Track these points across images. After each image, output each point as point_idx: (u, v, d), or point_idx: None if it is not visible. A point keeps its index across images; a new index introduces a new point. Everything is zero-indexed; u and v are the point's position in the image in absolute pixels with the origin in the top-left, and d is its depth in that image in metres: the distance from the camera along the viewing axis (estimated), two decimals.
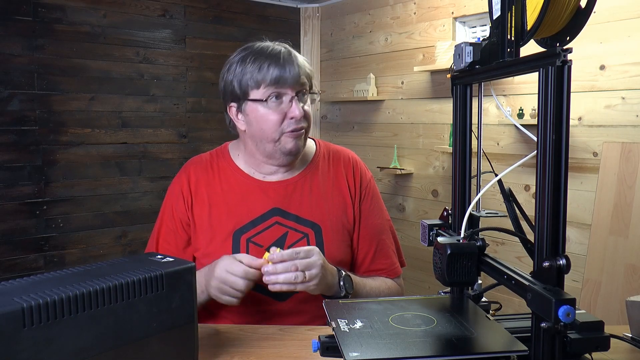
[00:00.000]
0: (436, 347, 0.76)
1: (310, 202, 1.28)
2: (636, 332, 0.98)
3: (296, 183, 1.30)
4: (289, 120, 1.21)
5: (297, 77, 1.20)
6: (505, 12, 0.82)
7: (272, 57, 1.20)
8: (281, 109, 1.21)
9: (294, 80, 1.19)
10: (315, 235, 1.26)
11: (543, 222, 0.72)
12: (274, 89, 1.20)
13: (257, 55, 1.21)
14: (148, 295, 0.79)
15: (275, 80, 1.19)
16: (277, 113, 1.21)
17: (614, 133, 2.46)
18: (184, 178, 1.32)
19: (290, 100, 1.21)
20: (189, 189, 1.30)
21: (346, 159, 1.37)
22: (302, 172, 1.32)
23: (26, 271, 3.03)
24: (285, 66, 1.19)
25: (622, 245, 2.26)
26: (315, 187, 1.31)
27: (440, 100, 3.24)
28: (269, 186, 1.29)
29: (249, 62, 1.21)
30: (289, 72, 1.19)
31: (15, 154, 2.99)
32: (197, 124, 3.65)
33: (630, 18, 2.38)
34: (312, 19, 4.11)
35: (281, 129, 1.21)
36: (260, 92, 1.20)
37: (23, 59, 2.98)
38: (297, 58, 1.23)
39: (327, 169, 1.34)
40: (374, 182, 1.39)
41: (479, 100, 0.96)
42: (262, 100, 1.20)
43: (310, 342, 0.89)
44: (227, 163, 1.33)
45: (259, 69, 1.19)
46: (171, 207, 1.32)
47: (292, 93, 1.21)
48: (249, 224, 1.25)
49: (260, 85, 1.20)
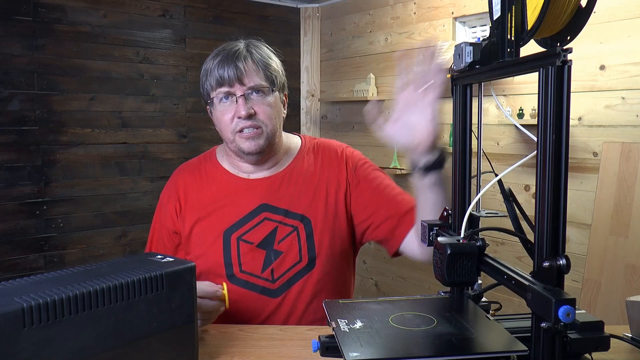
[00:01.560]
0: (436, 347, 0.76)
1: (298, 196, 1.28)
2: (636, 332, 0.98)
3: (282, 178, 1.30)
4: (236, 119, 1.22)
5: (236, 77, 1.20)
6: (505, 12, 0.82)
7: (221, 57, 1.22)
8: (232, 108, 1.22)
9: (237, 79, 1.20)
10: (305, 227, 1.26)
11: (543, 222, 0.72)
12: (221, 89, 1.22)
13: (213, 56, 1.24)
14: (148, 295, 0.79)
15: (219, 80, 1.21)
16: (228, 113, 1.22)
17: (614, 133, 2.46)
18: (173, 187, 1.35)
19: (236, 101, 1.21)
20: (177, 198, 1.32)
21: (333, 150, 1.36)
22: (287, 167, 1.32)
23: (26, 271, 3.03)
24: (225, 66, 1.20)
25: (622, 245, 2.26)
26: (302, 181, 1.30)
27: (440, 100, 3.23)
28: (254, 183, 1.30)
29: (207, 63, 1.24)
30: (228, 72, 1.19)
31: (15, 154, 2.99)
32: (197, 124, 3.65)
33: (630, 18, 2.38)
34: (312, 19, 4.11)
35: (232, 128, 1.23)
36: (215, 93, 1.23)
37: (23, 59, 2.98)
38: (251, 56, 1.23)
39: (314, 162, 1.33)
40: (364, 161, 1.35)
41: (479, 100, 0.96)
42: (214, 100, 1.23)
43: (310, 342, 0.89)
44: (214, 166, 1.35)
45: (210, 70, 1.22)
46: (160, 217, 1.36)
47: (238, 93, 1.21)
48: (238, 223, 1.26)
49: (214, 86, 1.22)
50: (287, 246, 1.25)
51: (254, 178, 1.31)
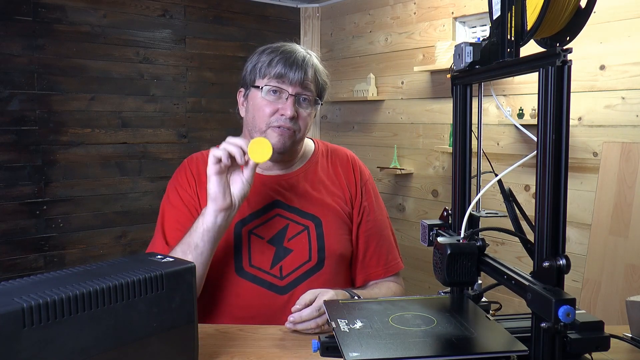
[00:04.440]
0: (436, 347, 0.76)
1: (310, 196, 1.30)
2: (636, 332, 0.98)
3: (297, 177, 1.32)
4: (278, 116, 1.24)
5: (300, 79, 1.23)
6: (505, 12, 0.82)
7: (285, 55, 1.25)
8: (276, 103, 1.24)
9: (297, 81, 1.23)
10: (316, 227, 1.28)
11: (543, 222, 0.72)
12: (275, 83, 1.24)
13: (275, 51, 1.27)
14: (148, 295, 0.79)
15: (279, 75, 1.23)
16: (271, 106, 1.24)
17: (614, 133, 2.46)
18: (187, 170, 1.33)
19: (286, 99, 1.24)
20: (193, 177, 1.31)
21: (344, 158, 1.40)
22: (302, 167, 1.34)
23: (26, 271, 3.03)
24: (293, 67, 1.23)
25: (622, 245, 2.26)
26: (316, 182, 1.33)
27: (440, 100, 3.24)
28: (269, 180, 1.31)
29: (265, 54, 1.27)
30: (294, 72, 1.23)
31: (15, 154, 2.99)
32: (197, 124, 3.65)
33: (630, 18, 2.38)
34: (312, 19, 4.10)
35: (270, 121, 1.24)
36: (263, 82, 1.25)
37: (23, 59, 2.98)
38: (312, 66, 1.27)
39: (327, 166, 1.37)
40: (372, 179, 1.42)
41: (479, 100, 0.96)
42: (261, 88, 1.25)
43: (310, 342, 0.89)
44: None
45: (270, 61, 1.25)
46: (176, 192, 1.30)
47: (291, 92, 1.24)
48: (250, 216, 1.26)
49: (265, 76, 1.25)
50: (297, 244, 1.26)
51: (268, 175, 1.32)
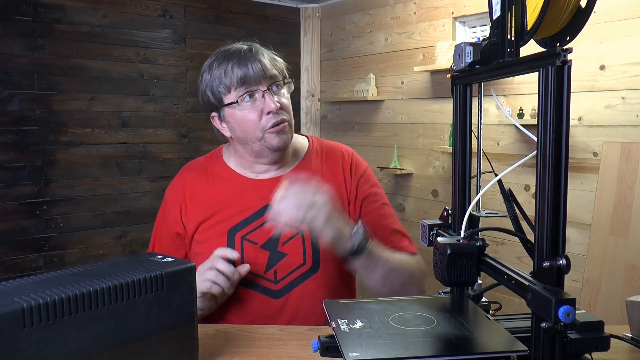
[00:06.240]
0: (436, 347, 0.76)
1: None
2: (636, 332, 0.98)
3: (289, 179, 1.30)
4: (266, 116, 1.21)
5: (261, 71, 1.20)
6: (505, 12, 0.82)
7: (234, 57, 1.21)
8: (256, 106, 1.21)
9: (260, 75, 1.20)
10: (310, 230, 1.26)
11: (543, 222, 0.72)
12: (243, 89, 1.20)
13: (221, 60, 1.23)
14: (148, 295, 0.79)
15: (242, 80, 1.20)
16: (254, 111, 1.21)
17: (614, 133, 2.46)
18: (179, 186, 1.34)
19: (262, 96, 1.21)
20: (183, 197, 1.32)
21: (340, 154, 1.37)
22: (295, 168, 1.32)
23: (26, 271, 3.03)
24: (248, 63, 1.19)
25: (622, 245, 2.26)
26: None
27: (440, 100, 3.24)
28: (261, 184, 1.29)
29: (215, 68, 1.23)
30: (252, 68, 1.19)
31: (15, 154, 2.99)
32: (197, 124, 3.65)
33: (630, 18, 2.38)
34: (312, 19, 4.11)
35: (262, 126, 1.22)
36: (232, 96, 1.22)
37: (23, 59, 2.98)
38: (261, 52, 1.23)
39: (320, 165, 1.34)
40: (370, 171, 1.38)
41: (479, 100, 0.96)
42: (235, 102, 1.21)
43: (310, 342, 0.89)
44: (220, 165, 1.34)
45: (225, 72, 1.21)
46: (164, 216, 1.35)
47: (263, 88, 1.21)
48: (242, 222, 1.26)
49: (230, 88, 1.21)
50: (291, 248, 1.25)
51: (261, 178, 1.30)
